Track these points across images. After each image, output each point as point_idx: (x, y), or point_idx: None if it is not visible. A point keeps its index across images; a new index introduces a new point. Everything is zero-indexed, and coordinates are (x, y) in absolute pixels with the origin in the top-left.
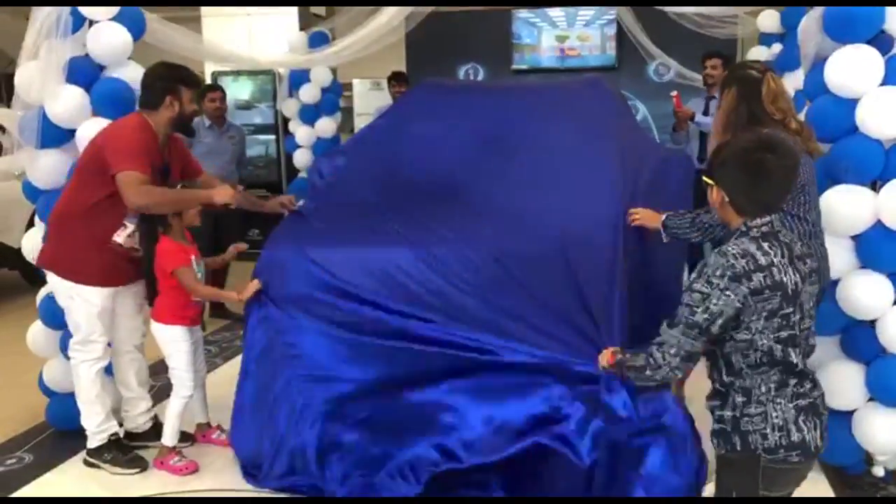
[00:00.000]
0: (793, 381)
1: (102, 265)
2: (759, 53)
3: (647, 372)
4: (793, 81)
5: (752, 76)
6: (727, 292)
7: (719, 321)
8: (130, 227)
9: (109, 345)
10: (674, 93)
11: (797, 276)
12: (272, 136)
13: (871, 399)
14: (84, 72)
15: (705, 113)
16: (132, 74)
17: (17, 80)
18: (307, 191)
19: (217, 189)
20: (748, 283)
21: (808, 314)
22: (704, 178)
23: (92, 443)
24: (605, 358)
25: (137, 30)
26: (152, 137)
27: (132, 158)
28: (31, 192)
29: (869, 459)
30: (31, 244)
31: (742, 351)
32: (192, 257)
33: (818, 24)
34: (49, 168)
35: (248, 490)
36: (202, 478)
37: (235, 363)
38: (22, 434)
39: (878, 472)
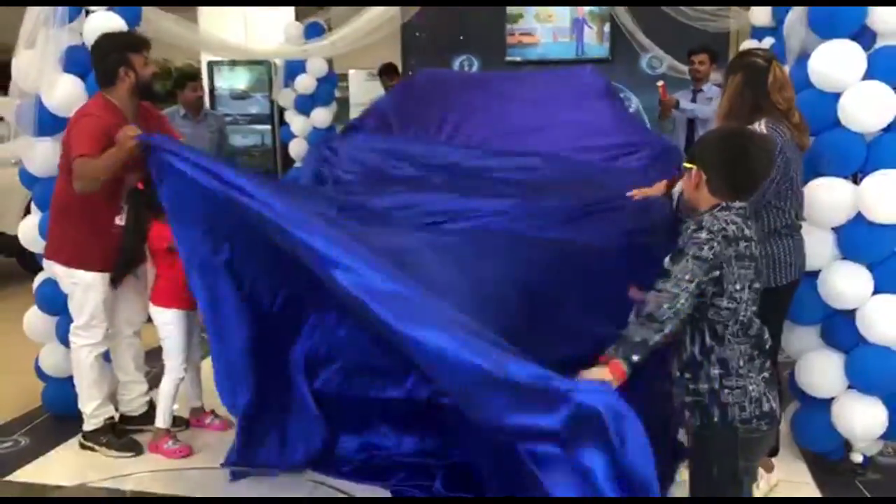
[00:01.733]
0: (756, 354)
1: (104, 251)
2: (750, 47)
3: (662, 310)
4: None
5: (758, 63)
6: (718, 246)
7: (709, 270)
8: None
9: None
10: (660, 82)
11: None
12: (268, 126)
13: (850, 387)
14: (81, 60)
15: None
16: None
17: (14, 68)
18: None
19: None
20: (736, 246)
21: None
22: (685, 164)
23: (88, 426)
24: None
25: (133, 19)
26: (113, 116)
27: (82, 144)
28: (27, 179)
29: (848, 446)
30: (28, 231)
31: (725, 321)
32: None
33: (803, 19)
34: (45, 156)
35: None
36: (195, 462)
37: None
38: (18, 418)
39: (857, 458)
